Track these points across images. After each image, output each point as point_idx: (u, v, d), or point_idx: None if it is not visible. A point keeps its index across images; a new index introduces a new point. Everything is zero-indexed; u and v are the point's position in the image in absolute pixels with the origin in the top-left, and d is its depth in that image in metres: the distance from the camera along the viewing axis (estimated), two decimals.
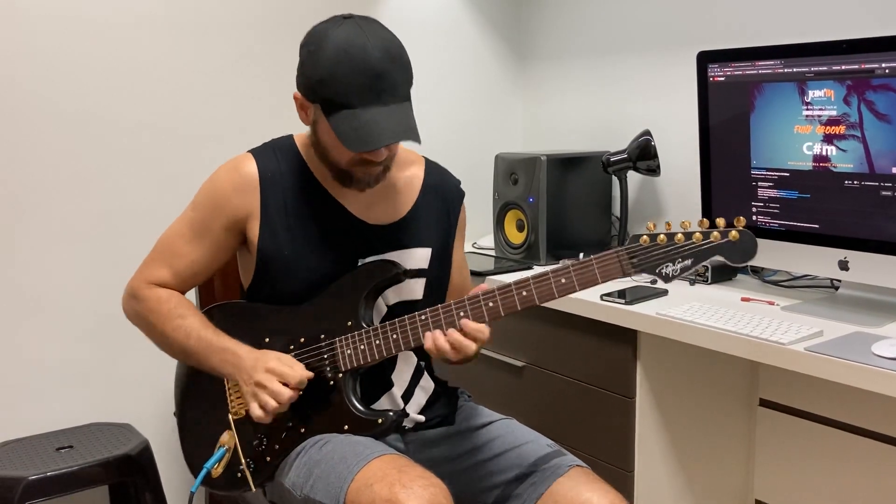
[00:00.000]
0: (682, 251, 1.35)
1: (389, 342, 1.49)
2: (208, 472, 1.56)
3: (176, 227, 1.60)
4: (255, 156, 1.58)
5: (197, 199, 1.60)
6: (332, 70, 1.40)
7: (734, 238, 1.34)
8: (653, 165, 2.33)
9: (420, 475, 1.36)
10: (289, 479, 1.49)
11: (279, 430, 1.54)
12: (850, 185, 1.79)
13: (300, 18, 2.47)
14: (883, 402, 1.96)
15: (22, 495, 1.87)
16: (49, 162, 2.14)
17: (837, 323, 1.73)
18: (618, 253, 1.38)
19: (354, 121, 1.40)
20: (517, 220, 2.46)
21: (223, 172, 1.57)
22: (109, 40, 2.19)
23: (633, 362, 1.94)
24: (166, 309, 1.56)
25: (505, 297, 1.44)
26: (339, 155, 1.49)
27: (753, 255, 1.34)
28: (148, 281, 1.60)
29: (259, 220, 1.54)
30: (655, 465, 2.01)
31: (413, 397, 1.62)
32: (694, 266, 1.35)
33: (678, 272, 1.36)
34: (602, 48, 2.65)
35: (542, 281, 1.42)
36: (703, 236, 1.35)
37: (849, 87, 1.76)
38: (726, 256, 1.34)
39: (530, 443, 1.56)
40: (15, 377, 2.14)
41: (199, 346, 1.53)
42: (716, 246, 1.34)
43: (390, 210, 1.62)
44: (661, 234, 1.37)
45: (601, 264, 1.38)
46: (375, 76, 1.39)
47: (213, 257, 1.59)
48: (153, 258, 1.61)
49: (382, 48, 1.40)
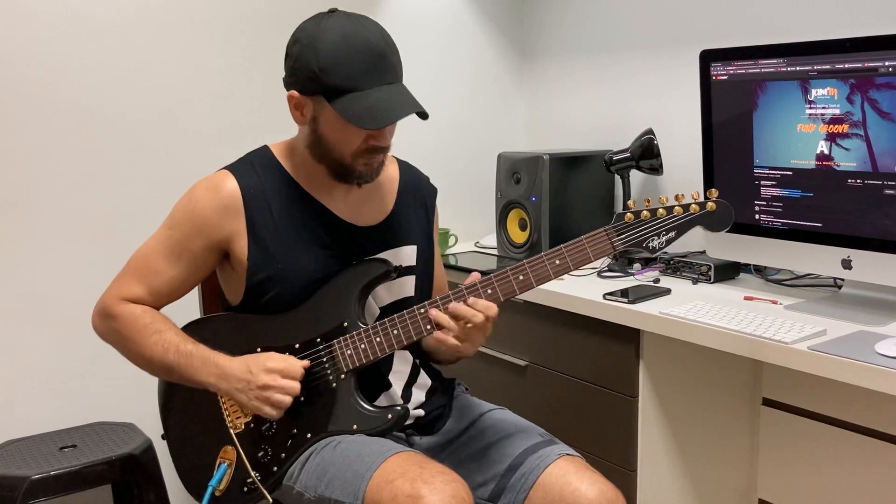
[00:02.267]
0: (665, 224, 1.45)
1: (391, 338, 1.49)
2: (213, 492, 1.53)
3: (152, 244, 1.56)
4: (233, 172, 1.54)
5: (175, 218, 1.55)
6: (335, 56, 1.41)
7: (711, 209, 1.45)
8: (655, 164, 2.33)
9: (440, 471, 1.36)
10: (300, 482, 1.48)
11: (283, 438, 1.52)
12: (853, 183, 1.79)
13: (302, 18, 2.47)
14: (886, 401, 1.95)
15: (25, 494, 1.87)
16: (49, 162, 2.14)
17: (841, 322, 1.73)
18: (606, 230, 1.45)
19: (363, 101, 1.41)
20: (520, 219, 2.46)
21: (202, 192, 1.53)
22: (110, 40, 2.19)
23: (636, 361, 1.94)
24: (142, 324, 1.53)
25: (502, 283, 1.45)
26: (346, 146, 1.48)
27: (731, 222, 1.45)
28: (121, 297, 1.56)
29: (246, 238, 1.52)
30: (658, 465, 2.01)
31: (412, 396, 1.62)
32: (677, 237, 1.45)
33: (664, 244, 1.45)
34: (605, 47, 2.65)
35: (537, 263, 1.46)
36: (682, 209, 1.45)
37: (852, 85, 1.75)
38: (706, 226, 1.46)
39: (521, 432, 1.57)
40: (18, 376, 2.14)
41: (180, 361, 1.50)
42: (696, 217, 1.45)
43: (375, 211, 1.62)
44: (643, 211, 1.45)
45: (591, 243, 1.45)
46: (378, 56, 1.42)
47: (192, 275, 1.56)
48: (127, 274, 1.57)
49: (378, 32, 1.44)
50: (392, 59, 1.44)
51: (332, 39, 1.41)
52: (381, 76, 1.42)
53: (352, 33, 1.41)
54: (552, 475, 1.46)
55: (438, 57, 2.73)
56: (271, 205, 1.54)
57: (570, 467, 1.47)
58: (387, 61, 1.43)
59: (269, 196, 1.54)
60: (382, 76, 1.42)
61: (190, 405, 1.59)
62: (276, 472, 1.52)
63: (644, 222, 1.44)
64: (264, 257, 1.53)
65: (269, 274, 1.53)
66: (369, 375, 1.57)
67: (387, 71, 1.43)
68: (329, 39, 1.41)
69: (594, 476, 1.46)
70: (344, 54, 1.41)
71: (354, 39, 1.41)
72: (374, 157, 1.50)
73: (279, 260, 1.53)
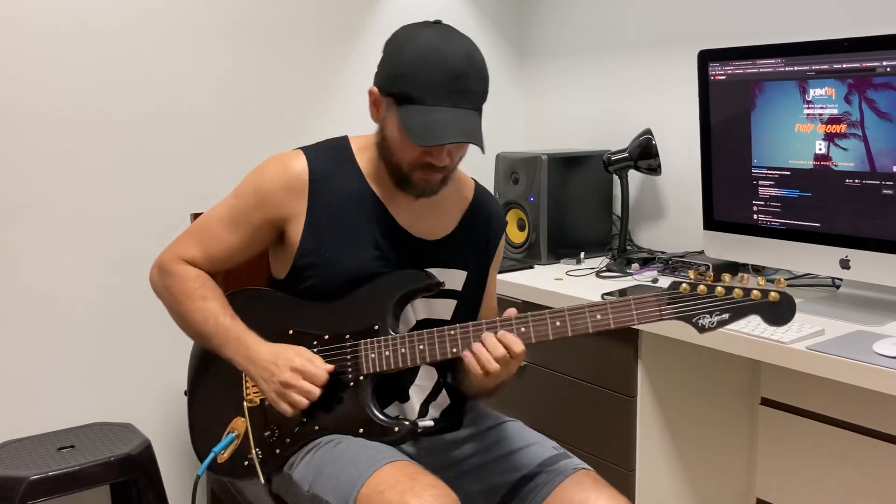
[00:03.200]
0: (720, 305, 1.35)
1: (415, 352, 1.48)
2: (215, 457, 1.56)
3: (216, 211, 1.59)
4: (306, 154, 1.56)
5: (241, 188, 1.58)
6: (412, 65, 1.42)
7: (774, 299, 1.33)
8: (654, 164, 2.33)
9: (431, 484, 1.36)
10: (298, 473, 1.49)
11: (292, 423, 1.53)
12: (851, 183, 1.79)
13: (301, 20, 2.48)
14: (884, 401, 1.95)
15: (23, 495, 1.87)
16: (50, 163, 2.14)
17: (839, 322, 1.73)
18: (658, 297, 1.37)
19: (424, 116, 1.41)
20: (518, 220, 2.46)
21: (272, 167, 1.55)
22: (110, 41, 2.19)
23: (635, 361, 1.94)
24: (191, 287, 1.56)
25: (538, 325, 1.42)
26: (403, 154, 1.47)
27: (790, 319, 1.33)
28: (179, 256, 1.59)
29: (304, 221, 1.53)
30: (657, 464, 2.01)
31: (428, 413, 1.62)
32: (731, 321, 1.35)
33: (714, 325, 1.36)
34: (603, 47, 2.65)
35: (577, 314, 1.40)
36: (743, 293, 1.34)
37: (850, 85, 1.75)
38: (763, 316, 1.33)
39: (535, 444, 1.56)
40: (17, 377, 2.14)
41: (217, 332, 1.53)
42: (755, 304, 1.34)
43: (436, 226, 1.61)
44: (701, 285, 1.36)
45: (639, 306, 1.38)
46: (452, 77, 1.41)
47: (248, 247, 1.58)
48: (188, 236, 1.61)
49: (465, 54, 1.43)
50: (469, 84, 1.42)
51: (417, 47, 1.42)
52: (449, 96, 1.41)
53: (435, 48, 1.41)
54: (569, 489, 1.45)
55: None
56: (336, 194, 1.54)
57: (589, 482, 1.46)
58: (461, 83, 1.41)
59: (335, 184, 1.54)
60: (450, 96, 1.41)
61: (217, 370, 1.62)
62: (278, 455, 1.53)
63: (699, 297, 1.36)
64: (316, 243, 1.53)
65: (314, 260, 1.53)
66: (390, 383, 1.56)
67: (459, 93, 1.42)
68: (414, 47, 1.42)
69: (612, 492, 1.45)
70: (421, 66, 1.41)
71: (435, 54, 1.41)
72: (431, 173, 1.48)
73: (328, 249, 1.53)
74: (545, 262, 2.39)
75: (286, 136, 2.46)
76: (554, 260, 2.41)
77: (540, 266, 2.38)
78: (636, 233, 2.57)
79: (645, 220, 2.55)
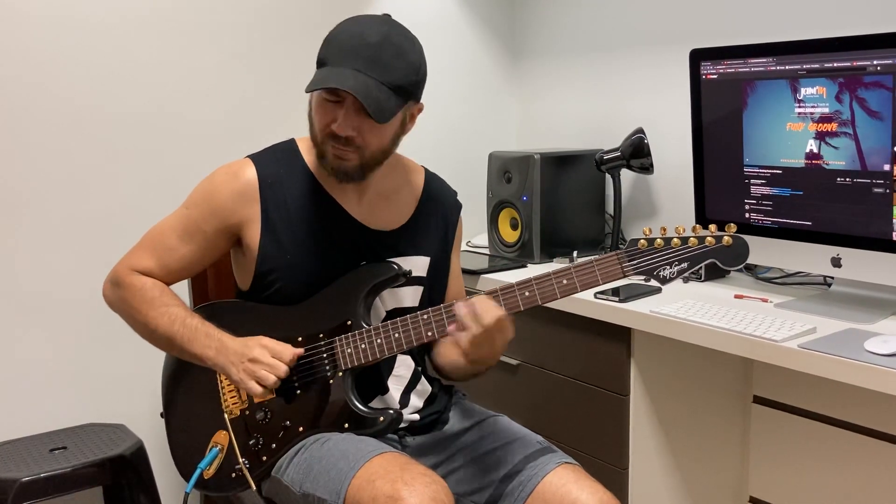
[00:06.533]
0: (678, 255, 1.41)
1: (391, 341, 1.49)
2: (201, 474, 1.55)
3: (169, 222, 1.60)
4: (254, 161, 1.57)
5: (193, 198, 1.59)
6: (333, 35, 1.46)
7: (727, 243, 1.40)
8: (646, 163, 2.34)
9: (422, 472, 1.37)
10: (287, 476, 1.49)
11: (276, 429, 1.53)
12: (842, 182, 1.79)
13: (297, 18, 2.47)
14: (876, 399, 1.96)
15: (15, 497, 1.86)
16: (45, 163, 2.13)
17: (830, 320, 1.73)
18: (617, 255, 1.42)
19: (324, 73, 1.44)
20: (511, 219, 2.46)
21: (221, 177, 1.57)
22: (107, 40, 2.18)
23: (627, 360, 1.94)
24: (150, 296, 1.56)
25: (507, 297, 1.44)
26: (315, 124, 1.50)
27: (745, 259, 1.41)
28: (133, 268, 1.59)
29: (260, 226, 1.54)
30: (650, 463, 2.01)
31: (410, 402, 1.62)
32: (690, 269, 1.41)
33: (675, 274, 1.42)
34: (595, 46, 2.65)
35: (544, 281, 1.44)
36: (698, 241, 1.41)
37: (841, 84, 1.76)
38: (720, 260, 1.41)
39: (520, 440, 1.56)
40: (8, 378, 2.13)
41: (184, 332, 1.52)
42: (710, 250, 1.41)
43: (392, 217, 1.62)
44: (657, 239, 1.42)
45: (601, 266, 1.42)
46: (363, 44, 1.42)
47: (203, 256, 1.59)
48: (141, 247, 1.61)
49: (384, 32, 1.44)
50: (379, 54, 1.42)
51: (345, 26, 1.46)
52: (356, 60, 1.42)
53: (359, 23, 1.45)
54: (551, 483, 1.46)
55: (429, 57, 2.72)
56: (288, 196, 1.55)
57: (570, 476, 1.47)
58: (370, 51, 1.42)
59: (286, 187, 1.55)
60: (357, 60, 1.42)
61: (192, 386, 1.61)
62: (265, 462, 1.53)
63: (657, 251, 1.41)
64: (274, 246, 1.54)
65: (276, 264, 1.54)
66: (368, 377, 1.57)
67: (365, 60, 1.42)
68: (344, 26, 1.46)
69: (594, 485, 1.46)
70: (339, 36, 1.45)
71: (355, 27, 1.45)
72: (339, 148, 1.47)
73: (288, 251, 1.54)
74: (538, 262, 2.39)
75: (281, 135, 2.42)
76: (547, 259, 2.41)
77: (533, 265, 2.38)
78: (629, 232, 2.58)
79: (637, 218, 2.56)
